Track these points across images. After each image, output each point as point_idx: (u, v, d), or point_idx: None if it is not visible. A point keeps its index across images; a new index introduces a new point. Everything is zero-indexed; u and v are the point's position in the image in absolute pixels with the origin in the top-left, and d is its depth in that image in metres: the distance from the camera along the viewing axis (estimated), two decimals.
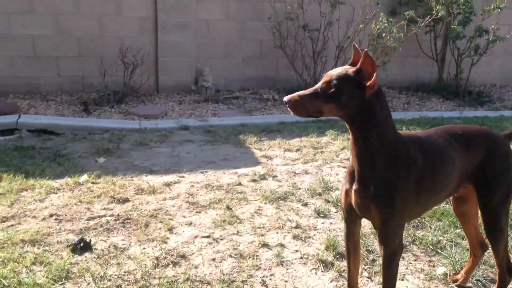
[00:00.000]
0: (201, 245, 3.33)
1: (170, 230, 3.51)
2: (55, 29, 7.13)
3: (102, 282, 2.83)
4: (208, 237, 3.44)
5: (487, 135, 2.53)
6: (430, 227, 3.61)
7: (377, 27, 7.04)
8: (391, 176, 2.17)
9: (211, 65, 7.86)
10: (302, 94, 2.15)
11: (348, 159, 4.91)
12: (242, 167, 4.77)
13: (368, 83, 2.06)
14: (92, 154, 4.96)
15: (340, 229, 3.55)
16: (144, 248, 3.26)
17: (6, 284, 2.73)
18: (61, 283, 2.81)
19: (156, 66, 7.63)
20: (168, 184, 4.27)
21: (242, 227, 3.60)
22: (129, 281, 2.88)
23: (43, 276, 2.82)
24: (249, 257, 3.20)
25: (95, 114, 6.43)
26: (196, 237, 3.44)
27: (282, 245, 3.36)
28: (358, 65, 2.10)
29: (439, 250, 3.34)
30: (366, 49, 2.07)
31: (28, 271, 2.89)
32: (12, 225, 3.44)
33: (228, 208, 3.87)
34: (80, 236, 3.26)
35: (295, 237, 3.48)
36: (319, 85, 2.16)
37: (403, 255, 3.29)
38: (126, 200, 3.93)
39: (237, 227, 3.59)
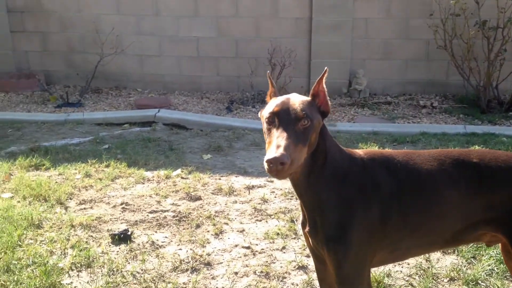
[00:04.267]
0: (235, 255, 3.12)
1: (217, 234, 3.37)
2: (216, 31, 7.55)
3: (112, 276, 2.86)
4: (248, 248, 3.20)
5: None
6: None
7: None
8: (340, 207, 1.68)
9: (367, 67, 7.38)
10: (290, 143, 1.60)
11: None
12: None
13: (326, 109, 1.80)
14: (203, 150, 5.09)
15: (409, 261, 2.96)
16: (180, 249, 3.19)
17: (36, 262, 2.95)
18: (78, 270, 2.93)
19: (308, 67, 7.48)
20: (250, 187, 4.13)
21: (293, 243, 3.26)
22: (138, 279, 2.85)
23: (68, 261, 2.98)
24: (275, 277, 2.87)
25: (235, 113, 6.60)
26: (236, 246, 3.23)
27: None
28: (315, 87, 1.80)
29: None
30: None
31: (62, 253, 3.09)
32: (84, 208, 3.73)
33: (292, 220, 3.55)
34: (125, 227, 3.36)
35: None
36: (285, 124, 1.66)
37: None
38: (197, 198, 3.91)
39: (288, 242, 3.26)
